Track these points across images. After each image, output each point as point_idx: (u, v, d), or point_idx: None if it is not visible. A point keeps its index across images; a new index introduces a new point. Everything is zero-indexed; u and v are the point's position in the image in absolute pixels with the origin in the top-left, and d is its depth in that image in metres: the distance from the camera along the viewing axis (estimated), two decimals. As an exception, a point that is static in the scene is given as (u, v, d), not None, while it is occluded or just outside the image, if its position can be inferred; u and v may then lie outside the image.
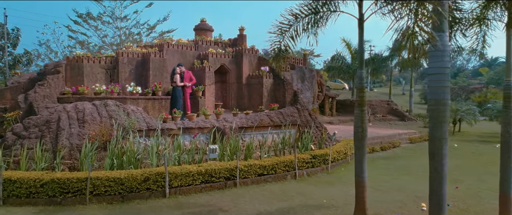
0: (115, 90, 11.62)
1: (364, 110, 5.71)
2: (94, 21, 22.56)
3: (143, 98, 11.83)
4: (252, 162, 8.56)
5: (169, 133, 9.95)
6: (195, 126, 10.38)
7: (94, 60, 12.26)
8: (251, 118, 11.42)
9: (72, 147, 8.64)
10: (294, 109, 12.87)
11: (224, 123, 10.84)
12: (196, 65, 13.15)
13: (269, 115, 11.87)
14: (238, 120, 11.11)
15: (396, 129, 20.07)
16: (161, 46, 13.10)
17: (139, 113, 10.28)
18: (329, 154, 10.12)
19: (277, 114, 12.19)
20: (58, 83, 11.65)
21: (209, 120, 10.83)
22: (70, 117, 9.40)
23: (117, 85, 11.83)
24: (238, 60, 14.25)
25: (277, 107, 12.84)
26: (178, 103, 11.33)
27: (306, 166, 9.48)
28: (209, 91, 12.98)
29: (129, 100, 11.56)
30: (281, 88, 13.64)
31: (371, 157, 12.41)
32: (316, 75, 20.55)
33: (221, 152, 9.10)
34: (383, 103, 28.57)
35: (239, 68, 14.20)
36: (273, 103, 13.01)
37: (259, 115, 11.69)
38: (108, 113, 9.78)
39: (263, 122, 11.45)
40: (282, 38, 5.99)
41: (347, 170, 10.21)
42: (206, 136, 10.64)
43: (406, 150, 14.19)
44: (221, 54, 13.87)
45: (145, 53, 12.85)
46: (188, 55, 13.64)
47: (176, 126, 10.13)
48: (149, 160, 8.39)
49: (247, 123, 11.12)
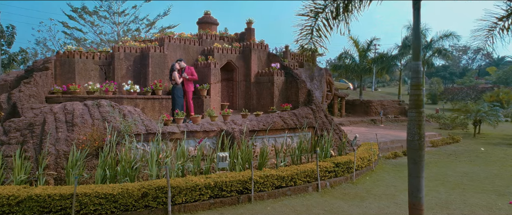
0: (110, 89, 10.45)
1: (422, 112, 4.54)
2: (90, 16, 21.39)
3: (141, 98, 10.66)
4: (268, 172, 7.39)
5: (171, 137, 8.80)
6: (200, 129, 9.21)
7: (87, 56, 11.09)
8: (262, 120, 10.25)
9: (58, 154, 7.48)
10: (309, 110, 11.71)
11: (232, 125, 9.67)
12: (200, 61, 11.98)
13: (282, 117, 10.70)
14: (248, 122, 9.94)
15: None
16: (161, 40, 11.93)
17: (137, 114, 9.11)
18: (354, 161, 8.93)
19: (291, 115, 11.02)
20: (46, 81, 10.48)
21: (215, 122, 9.66)
22: (58, 119, 8.24)
23: (112, 83, 10.66)
24: (246, 56, 13.08)
25: (289, 108, 11.67)
26: (179, 104, 10.15)
27: (329, 175, 8.30)
28: (214, 90, 11.81)
29: (126, 100, 10.39)
30: (294, 87, 12.46)
31: (396, 163, 11.23)
32: (325, 74, 19.38)
33: (232, 160, 7.92)
34: (395, 103, 27.39)
35: (247, 65, 13.03)
36: (285, 103, 11.83)
37: (271, 116, 10.51)
38: (101, 114, 8.62)
39: (276, 125, 10.28)
40: (314, 21, 4.82)
41: (373, 180, 9.04)
42: (213, 141, 9.48)
43: (432, 155, 13.00)
44: (228, 50, 12.69)
45: (144, 48, 11.68)
46: (192, 50, 12.46)
47: (178, 129, 8.97)
48: (148, 170, 7.22)
49: (258, 125, 9.95)
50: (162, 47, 11.69)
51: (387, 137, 14.77)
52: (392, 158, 11.87)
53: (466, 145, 15.59)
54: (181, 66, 10.36)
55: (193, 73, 10.43)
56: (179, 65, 10.30)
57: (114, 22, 21.55)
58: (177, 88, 10.10)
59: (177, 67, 10.16)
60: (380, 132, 16.92)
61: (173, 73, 10.03)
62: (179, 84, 10.13)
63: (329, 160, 8.71)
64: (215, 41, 13.01)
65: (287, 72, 12.78)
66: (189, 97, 10.45)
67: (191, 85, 10.49)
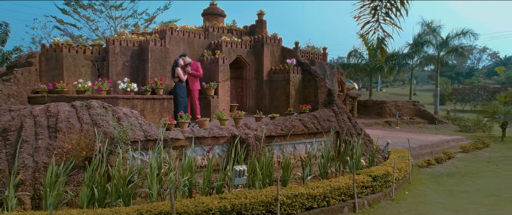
0: (104, 87, 9.10)
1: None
2: (84, 10, 20.04)
3: (140, 98, 9.31)
4: (295, 189, 6.03)
5: (175, 144, 7.49)
6: (208, 134, 7.88)
7: (78, 50, 9.75)
8: (280, 123, 8.90)
9: (37, 167, 6.15)
10: (330, 112, 10.36)
11: (246, 130, 8.32)
12: (207, 56, 10.63)
13: (302, 120, 9.35)
14: (264, 126, 8.58)
15: (439, 135, 17.55)
16: (162, 33, 10.58)
17: (134, 117, 7.78)
18: (393, 174, 7.57)
19: (311, 118, 9.67)
20: (29, 78, 9.14)
21: (226, 127, 8.32)
22: (38, 124, 6.91)
23: (106, 81, 9.31)
24: (257, 51, 11.73)
25: (308, 109, 10.31)
26: (182, 105, 8.83)
27: (366, 192, 6.94)
28: (223, 89, 10.46)
29: (122, 101, 9.04)
30: (312, 86, 11.11)
31: (432, 173, 9.88)
32: (336, 72, 18.04)
33: (250, 174, 6.57)
34: (409, 104, 26.00)
35: (259, 61, 11.68)
36: (303, 104, 10.46)
37: (289, 119, 9.16)
38: (91, 117, 7.30)
39: (296, 129, 8.92)
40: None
41: (414, 195, 7.69)
42: (223, 148, 8.15)
43: (468, 162, 11.64)
44: (237, 44, 11.34)
45: (142, 41, 10.34)
46: (196, 44, 11.11)
47: (183, 135, 7.65)
48: (147, 188, 5.87)
49: (275, 130, 8.60)
50: (163, 41, 10.35)
51: (411, 142, 13.43)
52: (425, 166, 10.52)
53: (498, 149, 14.24)
54: (185, 62, 9.03)
55: (198, 69, 9.09)
56: (183, 61, 8.97)
57: (111, 16, 20.18)
58: (180, 86, 8.75)
59: (181, 63, 8.82)
60: (399, 135, 15.56)
61: (176, 69, 8.70)
62: (183, 82, 8.80)
63: (363, 172, 7.36)
64: (223, 35, 11.67)
65: (304, 70, 11.43)
66: (195, 97, 9.11)
67: (197, 84, 9.16)
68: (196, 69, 9.07)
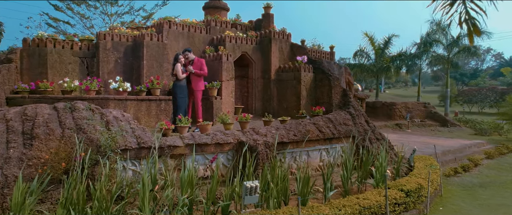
0: (93, 87, 8.10)
1: None
2: (78, 6, 19.04)
3: (133, 99, 8.30)
4: (319, 210, 5.01)
5: (173, 152, 6.52)
6: (211, 141, 6.89)
7: (64, 45, 8.76)
8: (292, 128, 7.89)
9: (6, 182, 5.19)
10: (347, 114, 9.35)
11: (254, 136, 7.32)
12: (208, 53, 9.63)
13: (316, 124, 8.35)
14: (274, 131, 7.58)
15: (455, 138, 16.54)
16: (160, 26, 9.59)
17: (126, 121, 6.79)
18: (428, 188, 6.55)
19: (326, 121, 8.67)
20: (9, 77, 8.15)
21: (231, 132, 7.32)
22: (11, 129, 5.94)
23: (95, 80, 8.30)
24: (264, 47, 10.73)
25: (322, 111, 9.31)
26: (182, 107, 7.85)
27: (398, 210, 5.92)
28: (227, 89, 9.45)
29: (113, 102, 8.05)
30: (325, 86, 10.11)
31: (462, 184, 8.86)
32: (344, 72, 17.04)
33: (262, 190, 5.56)
34: (419, 106, 24.95)
35: (266, 58, 10.68)
36: (316, 106, 9.45)
37: (302, 123, 8.16)
38: (75, 121, 6.32)
39: (310, 134, 7.91)
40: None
41: (449, 211, 6.69)
42: (228, 156, 7.17)
43: (497, 170, 10.62)
44: (242, 39, 10.35)
45: (137, 35, 9.35)
46: (197, 39, 10.11)
47: (182, 142, 6.66)
48: (137, 210, 4.87)
49: (288, 135, 7.59)
50: (160, 35, 9.35)
51: (429, 146, 12.45)
52: (452, 175, 9.51)
53: (524, 155, 13.20)
54: (188, 58, 8.07)
55: (203, 67, 8.11)
56: (185, 57, 8.00)
57: (106, 12, 19.18)
58: (179, 85, 7.75)
59: (182, 60, 7.82)
60: (413, 139, 14.59)
61: (176, 66, 7.70)
62: (181, 80, 7.79)
63: (393, 185, 6.34)
64: (226, 29, 10.66)
65: (317, 68, 10.43)
66: (198, 99, 8.13)
67: (201, 83, 8.19)
68: (200, 68, 8.09)
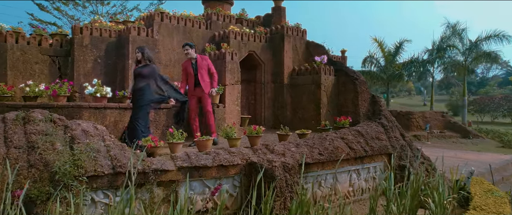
0: (62, 92, 6.48)
1: None
2: (65, 5, 17.56)
3: (114, 107, 6.68)
4: None
5: (161, 178, 4.93)
6: (212, 162, 5.29)
7: (30, 41, 7.17)
8: (316, 144, 6.26)
9: None
10: (379, 126, 7.74)
11: (268, 155, 5.69)
12: (209, 51, 8.04)
13: (345, 138, 6.72)
14: (294, 148, 5.95)
15: (484, 152, 14.87)
16: (150, 19, 8.02)
17: (99, 136, 5.17)
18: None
19: (355, 136, 7.05)
20: (-44, 79, 6.53)
21: (238, 150, 5.72)
22: None
23: (66, 83, 6.67)
24: (275, 46, 9.15)
25: (349, 123, 7.67)
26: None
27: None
28: (232, 95, 7.85)
29: (88, 111, 6.43)
30: (350, 91, 8.50)
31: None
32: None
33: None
34: (437, 115, 23.29)
35: (278, 58, 9.10)
36: (339, 116, 7.81)
37: (328, 138, 6.53)
38: (27, 138, 4.76)
39: (338, 152, 6.27)
40: None
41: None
42: (234, 182, 5.56)
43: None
44: (249, 36, 8.77)
45: (122, 30, 7.77)
46: (196, 36, 8.53)
47: (174, 164, 5.07)
48: None
49: (311, 154, 5.96)
50: (150, 29, 7.78)
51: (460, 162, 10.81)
52: None
53: None
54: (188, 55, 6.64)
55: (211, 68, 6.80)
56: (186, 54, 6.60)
57: (96, 13, 17.65)
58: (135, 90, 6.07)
59: (138, 56, 6.08)
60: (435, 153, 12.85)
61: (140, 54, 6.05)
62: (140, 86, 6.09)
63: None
64: (230, 24, 9.08)
65: (339, 70, 8.83)
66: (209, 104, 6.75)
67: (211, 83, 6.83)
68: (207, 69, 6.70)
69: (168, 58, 7.93)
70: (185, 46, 6.76)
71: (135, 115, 6.00)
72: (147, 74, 6.02)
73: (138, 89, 6.05)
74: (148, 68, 6.04)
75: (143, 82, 6.03)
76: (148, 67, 6.06)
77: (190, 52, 6.73)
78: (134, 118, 6.00)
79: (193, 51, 6.78)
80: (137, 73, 6.13)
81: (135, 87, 6.14)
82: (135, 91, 6.12)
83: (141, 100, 5.99)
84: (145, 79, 6.04)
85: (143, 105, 6.00)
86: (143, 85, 6.03)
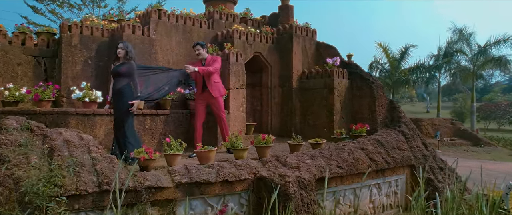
0: (46, 96, 5.77)
1: None
2: (59, 8, 16.95)
3: (105, 113, 5.95)
4: None
5: (156, 197, 4.20)
6: (215, 177, 4.60)
7: (12, 40, 6.48)
8: (333, 155, 5.54)
9: None
10: (399, 135, 7.04)
11: (280, 168, 4.98)
12: (211, 52, 7.34)
13: (365, 149, 5.99)
14: (309, 160, 5.23)
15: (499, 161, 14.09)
16: (146, 17, 7.35)
17: (84, 147, 4.48)
18: None
19: (375, 145, 6.34)
20: None
21: (245, 162, 5.01)
22: None
23: (51, 86, 5.97)
24: (283, 47, 8.48)
25: (366, 131, 6.94)
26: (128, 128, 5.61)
27: None
28: (236, 101, 7.14)
29: (75, 118, 5.73)
30: (366, 96, 7.81)
31: None
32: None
33: None
34: (447, 122, 22.55)
35: (286, 60, 8.42)
36: (356, 123, 7.09)
37: (346, 148, 5.82)
38: (-5, 150, 4.01)
39: (358, 164, 5.55)
40: None
41: None
42: (241, 200, 4.85)
43: None
44: (255, 36, 8.09)
45: (116, 29, 7.09)
46: (197, 35, 7.85)
47: (171, 180, 4.38)
48: None
49: (329, 167, 5.22)
50: (146, 28, 7.10)
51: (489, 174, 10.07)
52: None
53: None
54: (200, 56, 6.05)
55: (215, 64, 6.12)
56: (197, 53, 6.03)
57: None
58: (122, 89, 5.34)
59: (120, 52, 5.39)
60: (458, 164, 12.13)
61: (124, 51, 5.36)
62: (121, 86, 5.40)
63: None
64: (234, 24, 8.40)
65: (353, 72, 8.13)
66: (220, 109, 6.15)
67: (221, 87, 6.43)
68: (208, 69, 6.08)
69: (166, 60, 7.25)
70: (196, 46, 6.14)
71: (119, 122, 5.26)
72: (125, 72, 5.27)
73: (117, 92, 5.30)
74: (126, 66, 5.31)
75: (122, 82, 5.28)
76: (126, 64, 5.33)
77: (202, 52, 6.12)
78: (118, 126, 5.26)
79: (205, 51, 6.17)
80: (115, 73, 5.38)
81: (114, 89, 5.40)
82: (114, 94, 5.38)
83: (120, 103, 5.24)
84: (124, 78, 5.29)
85: (123, 110, 5.25)
86: (122, 86, 5.27)
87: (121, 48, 5.33)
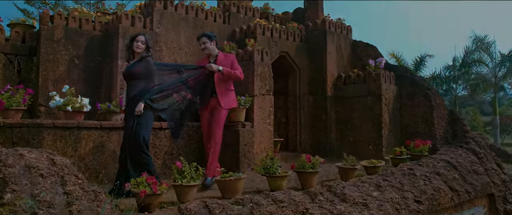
0: (14, 103, 4.33)
1: None
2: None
3: (93, 126, 4.54)
4: None
5: None
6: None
7: (-23, 32, 5.09)
8: (404, 184, 4.08)
9: None
10: (469, 154, 5.59)
11: (338, 205, 3.56)
12: (229, 51, 5.91)
13: (441, 175, 4.52)
14: (376, 193, 3.78)
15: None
16: (148, 7, 5.97)
17: (55, 176, 3.04)
18: None
19: (447, 168, 4.85)
20: None
21: (287, 196, 3.54)
22: None
23: (22, 90, 4.54)
24: (313, 46, 7.10)
25: (428, 149, 5.49)
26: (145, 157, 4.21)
27: None
28: (263, 110, 5.72)
29: (51, 133, 4.32)
30: (421, 105, 6.38)
31: None
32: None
33: None
34: (473, 136, 21.05)
35: (318, 63, 7.02)
36: (416, 140, 5.63)
37: (417, 173, 4.36)
38: None
39: (440, 197, 4.08)
40: None
41: None
42: None
43: None
44: (281, 32, 6.70)
45: (110, 21, 5.72)
46: (210, 30, 6.41)
47: None
48: None
49: (405, 203, 3.75)
50: (149, 19, 5.73)
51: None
52: None
53: None
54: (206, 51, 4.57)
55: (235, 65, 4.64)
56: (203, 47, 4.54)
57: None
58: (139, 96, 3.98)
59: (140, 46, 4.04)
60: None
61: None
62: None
63: None
64: (253, 19, 7.03)
65: (401, 76, 6.70)
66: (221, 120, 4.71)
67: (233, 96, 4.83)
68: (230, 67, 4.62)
69: (173, 59, 5.87)
70: (202, 38, 4.71)
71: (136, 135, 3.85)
72: (141, 73, 3.94)
73: (132, 100, 3.96)
74: (142, 64, 3.97)
75: (138, 87, 3.95)
76: (141, 62, 3.98)
77: (209, 46, 4.67)
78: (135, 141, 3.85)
79: (213, 45, 4.71)
80: (127, 74, 4.06)
81: (128, 96, 4.06)
82: (128, 102, 4.04)
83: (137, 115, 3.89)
84: (140, 81, 3.97)
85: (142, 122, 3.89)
86: (138, 92, 3.94)
87: (141, 42, 4.02)
